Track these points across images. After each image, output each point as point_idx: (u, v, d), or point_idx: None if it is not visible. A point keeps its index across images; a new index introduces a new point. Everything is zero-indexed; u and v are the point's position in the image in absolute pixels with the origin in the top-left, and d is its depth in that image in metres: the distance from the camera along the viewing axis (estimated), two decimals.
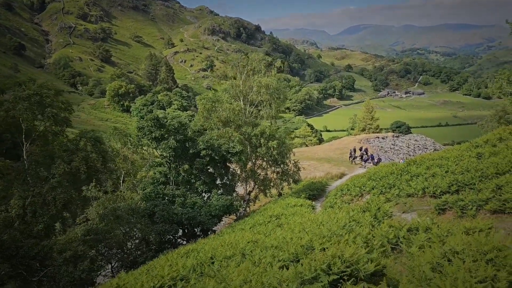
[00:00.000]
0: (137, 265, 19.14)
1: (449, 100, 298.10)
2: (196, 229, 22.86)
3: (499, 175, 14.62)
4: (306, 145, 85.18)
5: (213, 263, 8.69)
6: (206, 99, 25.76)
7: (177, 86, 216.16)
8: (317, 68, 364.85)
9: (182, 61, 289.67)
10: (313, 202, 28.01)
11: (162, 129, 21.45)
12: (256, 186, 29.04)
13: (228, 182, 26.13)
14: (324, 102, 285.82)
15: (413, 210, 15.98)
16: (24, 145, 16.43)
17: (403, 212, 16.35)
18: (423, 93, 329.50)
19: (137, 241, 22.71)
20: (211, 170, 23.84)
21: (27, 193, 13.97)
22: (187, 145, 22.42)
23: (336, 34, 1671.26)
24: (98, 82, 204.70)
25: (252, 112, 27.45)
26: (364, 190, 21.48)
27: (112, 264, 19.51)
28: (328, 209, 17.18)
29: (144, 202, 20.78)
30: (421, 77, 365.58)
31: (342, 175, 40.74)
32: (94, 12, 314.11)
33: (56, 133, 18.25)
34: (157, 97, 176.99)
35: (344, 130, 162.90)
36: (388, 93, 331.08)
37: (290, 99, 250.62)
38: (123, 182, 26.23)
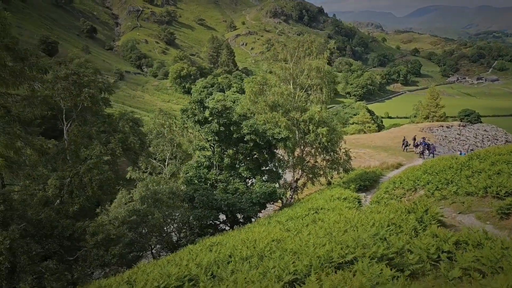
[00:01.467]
0: (180, 247, 19.01)
1: None
2: (238, 215, 22.37)
3: None
4: (365, 132, 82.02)
5: (229, 263, 7.94)
6: (254, 82, 24.89)
7: (237, 69, 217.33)
8: (381, 52, 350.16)
9: (243, 44, 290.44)
10: (364, 194, 26.53)
11: (205, 112, 20.97)
12: (304, 173, 27.93)
13: (274, 169, 25.28)
14: (387, 87, 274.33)
15: (472, 212, 14.22)
16: (65, 125, 16.65)
17: (459, 213, 14.63)
18: (498, 80, 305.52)
19: (179, 224, 22.66)
20: (256, 155, 23.09)
21: (65, 173, 14.07)
22: (231, 129, 21.78)
23: (404, 16, 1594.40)
24: (162, 64, 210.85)
25: (301, 97, 26.20)
26: (418, 185, 19.71)
27: (152, 247, 19.51)
28: (374, 204, 15.80)
29: (185, 186, 20.57)
30: (496, 62, 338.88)
31: (399, 166, 38.49)
32: None
33: (95, 113, 18.42)
34: (217, 80, 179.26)
35: (407, 118, 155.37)
36: (458, 79, 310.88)
37: (351, 84, 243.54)
38: (167, 164, 26.32)
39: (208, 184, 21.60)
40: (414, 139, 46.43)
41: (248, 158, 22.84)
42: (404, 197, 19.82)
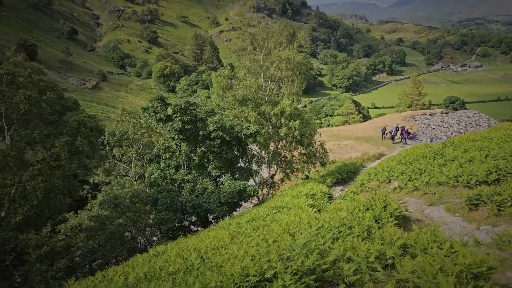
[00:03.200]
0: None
1: (510, 72, 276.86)
2: (210, 216, 21.43)
3: None
4: (349, 123, 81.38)
5: (151, 281, 6.99)
6: (222, 76, 23.86)
7: (222, 65, 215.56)
8: (366, 42, 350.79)
9: (227, 40, 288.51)
10: (341, 188, 25.72)
11: (167, 110, 19.90)
12: (280, 169, 27.03)
13: (246, 166, 24.32)
14: (373, 78, 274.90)
15: (442, 203, 13.40)
16: (6, 129, 15.50)
17: (430, 205, 13.81)
18: (481, 66, 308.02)
19: (150, 229, 21.67)
20: (225, 153, 22.09)
21: (6, 181, 12.97)
22: (198, 127, 20.75)
23: (387, 7, 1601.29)
24: (145, 63, 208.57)
25: (273, 90, 25.23)
26: (392, 176, 18.91)
27: (116, 254, 18.47)
28: (341, 200, 14.92)
29: (149, 188, 19.55)
30: (478, 48, 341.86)
31: (380, 156, 37.88)
32: None
33: (39, 116, 17.25)
34: (202, 77, 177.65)
35: (393, 107, 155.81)
36: (442, 67, 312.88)
37: (337, 76, 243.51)
38: (134, 166, 25.17)
39: (176, 185, 20.58)
40: (397, 129, 46.03)
41: (216, 156, 21.83)
42: (378, 189, 19.03)
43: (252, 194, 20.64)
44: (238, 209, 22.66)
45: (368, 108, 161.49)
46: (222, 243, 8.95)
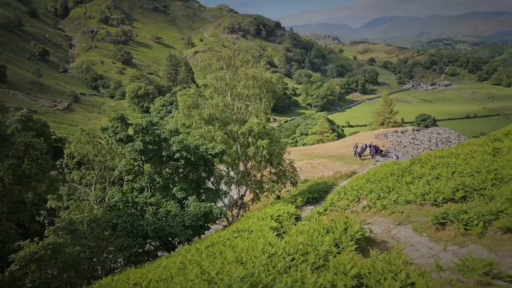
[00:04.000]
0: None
1: (477, 90, 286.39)
2: (175, 241, 20.41)
3: None
4: (323, 142, 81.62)
5: None
6: (187, 95, 23.23)
7: (197, 86, 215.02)
8: (339, 62, 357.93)
9: (202, 60, 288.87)
10: (312, 207, 25.13)
11: (128, 130, 19.04)
12: (249, 189, 26.31)
13: (213, 187, 23.51)
14: (347, 97, 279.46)
15: (410, 222, 12.93)
16: None
17: (398, 224, 13.33)
18: (450, 85, 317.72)
19: (113, 255, 20.46)
20: (190, 174, 21.25)
21: None
22: (161, 147, 19.93)
23: (359, 28, 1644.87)
24: (119, 84, 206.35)
25: (240, 108, 24.68)
26: (361, 194, 18.45)
27: (71, 285, 17.19)
28: (305, 221, 14.28)
29: (108, 212, 18.47)
30: (447, 68, 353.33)
31: (352, 174, 37.68)
32: (115, 15, 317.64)
33: None
34: (176, 98, 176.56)
35: (366, 125, 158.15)
36: (413, 86, 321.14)
37: (312, 95, 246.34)
38: (94, 189, 23.97)
39: (138, 208, 19.57)
40: (366, 146, 46.53)
41: (181, 177, 20.97)
42: (348, 208, 18.53)
43: (219, 217, 19.82)
44: (206, 231, 21.76)
45: (343, 126, 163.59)
46: (169, 274, 8.15)
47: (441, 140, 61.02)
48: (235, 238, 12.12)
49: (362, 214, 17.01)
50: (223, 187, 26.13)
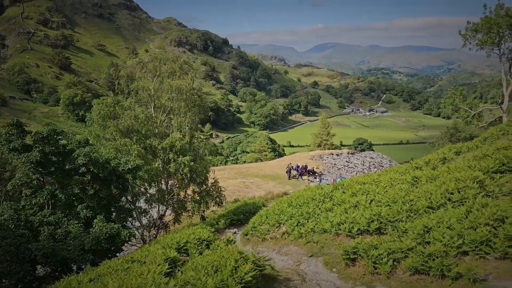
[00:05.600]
0: None
1: (411, 119, 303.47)
2: (73, 265, 18.08)
3: (432, 209, 10.82)
4: (261, 160, 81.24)
5: None
6: (104, 104, 21.23)
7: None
8: (283, 83, 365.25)
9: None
10: (235, 230, 23.80)
11: (25, 138, 16.81)
12: (169, 209, 24.51)
13: (129, 205, 21.50)
14: (290, 117, 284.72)
15: (323, 254, 11.93)
16: None
17: (311, 256, 12.30)
18: (386, 111, 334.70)
19: None
20: (99, 191, 19.16)
21: None
22: (66, 159, 17.78)
23: (305, 51, 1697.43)
24: (54, 89, 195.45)
25: (163, 121, 23.04)
26: (281, 219, 17.39)
27: None
28: (208, 252, 12.84)
29: None
30: (384, 95, 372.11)
31: (284, 195, 36.83)
32: (56, 18, 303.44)
33: None
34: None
35: (308, 146, 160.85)
36: (353, 110, 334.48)
37: (255, 113, 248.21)
38: None
39: (33, 228, 17.17)
40: (297, 167, 46.65)
41: (91, 195, 18.84)
42: (268, 234, 17.39)
43: (127, 240, 17.86)
44: (118, 253, 19.65)
45: (284, 146, 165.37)
46: None
47: (374, 164, 62.37)
48: (126, 269, 10.45)
49: (281, 241, 15.92)
50: (142, 205, 24.17)
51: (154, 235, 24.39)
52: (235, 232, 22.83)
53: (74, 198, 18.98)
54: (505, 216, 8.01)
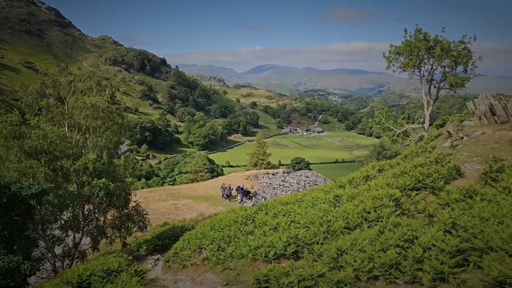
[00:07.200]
0: None
1: (345, 138, 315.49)
2: None
3: (349, 230, 10.36)
4: (198, 181, 79.41)
5: None
6: (8, 122, 19.20)
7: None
8: (222, 103, 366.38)
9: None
10: (158, 256, 22.28)
11: None
12: (87, 236, 22.51)
13: (31, 234, 19.35)
14: (229, 137, 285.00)
15: (238, 282, 11.05)
16: None
17: (226, 285, 11.37)
18: (323, 131, 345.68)
19: None
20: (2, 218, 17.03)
21: None
22: None
23: (244, 72, 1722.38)
24: None
25: (79, 141, 21.28)
26: (203, 244, 16.32)
27: None
28: (110, 285, 11.52)
29: None
30: (320, 116, 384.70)
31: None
32: None
33: None
34: None
35: (245, 165, 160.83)
36: (291, 130, 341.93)
37: (194, 134, 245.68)
38: None
39: None
40: (230, 187, 46.31)
41: None
42: (189, 260, 16.23)
43: (28, 274, 15.81)
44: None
45: (223, 166, 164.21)
46: None
47: (309, 183, 63.03)
48: None
49: (200, 267, 14.83)
50: (56, 233, 21.98)
51: (68, 265, 22.23)
52: (158, 259, 21.34)
53: None
54: (415, 236, 7.65)
